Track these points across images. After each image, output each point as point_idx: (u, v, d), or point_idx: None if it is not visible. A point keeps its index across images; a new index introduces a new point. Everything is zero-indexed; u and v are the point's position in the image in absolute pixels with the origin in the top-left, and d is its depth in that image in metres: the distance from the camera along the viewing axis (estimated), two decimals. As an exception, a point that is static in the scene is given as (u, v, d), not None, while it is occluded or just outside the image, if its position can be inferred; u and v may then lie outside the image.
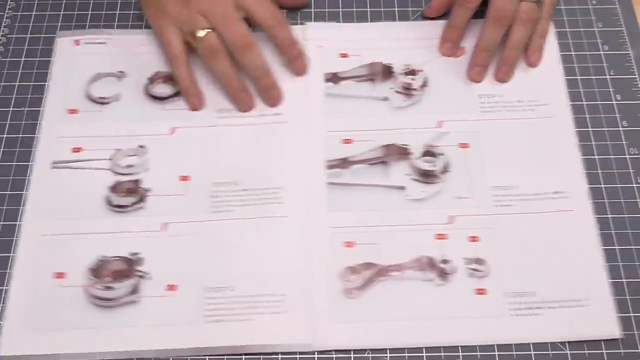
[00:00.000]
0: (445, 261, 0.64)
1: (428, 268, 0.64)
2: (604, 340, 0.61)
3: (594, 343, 0.61)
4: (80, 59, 0.74)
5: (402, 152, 0.69)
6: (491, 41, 0.72)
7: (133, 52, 0.75)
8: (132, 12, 0.77)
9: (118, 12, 0.77)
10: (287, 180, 0.68)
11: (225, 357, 0.61)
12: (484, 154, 0.69)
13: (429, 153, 0.69)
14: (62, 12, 0.77)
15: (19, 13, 0.77)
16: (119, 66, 0.74)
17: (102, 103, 0.72)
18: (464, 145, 0.69)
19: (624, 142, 0.70)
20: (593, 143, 0.70)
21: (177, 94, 0.72)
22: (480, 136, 0.70)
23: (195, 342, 0.61)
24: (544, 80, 0.73)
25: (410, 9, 0.78)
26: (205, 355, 0.61)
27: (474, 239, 0.65)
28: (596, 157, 0.69)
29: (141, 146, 0.69)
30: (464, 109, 0.71)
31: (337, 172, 0.68)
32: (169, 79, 0.73)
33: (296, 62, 0.72)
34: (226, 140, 0.70)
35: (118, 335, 0.61)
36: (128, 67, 0.74)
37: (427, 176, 0.68)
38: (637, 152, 0.70)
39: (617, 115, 0.72)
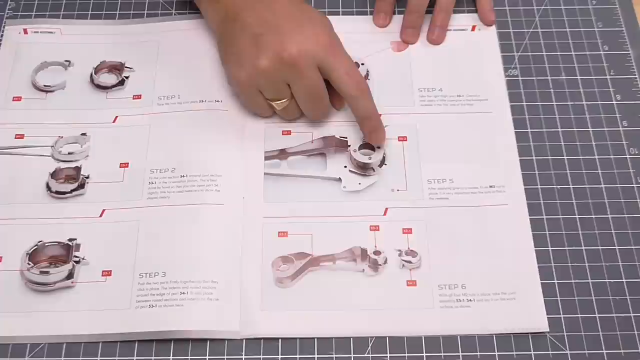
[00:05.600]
0: (377, 252, 0.64)
1: (359, 259, 0.64)
2: (531, 334, 0.61)
3: (521, 337, 0.61)
4: (27, 47, 0.75)
5: (340, 145, 0.70)
6: (420, 3, 0.75)
7: (80, 41, 0.76)
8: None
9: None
10: (225, 168, 0.68)
11: (155, 342, 0.61)
12: (421, 147, 0.70)
13: (367, 146, 0.69)
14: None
15: (-35, 1, 0.78)
16: (65, 55, 0.75)
17: (47, 91, 0.73)
18: (402, 139, 0.70)
19: (624, 142, 0.71)
20: (593, 143, 0.70)
21: (120, 83, 0.73)
22: (418, 130, 0.70)
23: (126, 327, 0.61)
24: (484, 76, 0.74)
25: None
26: (135, 340, 0.61)
27: (407, 231, 0.66)
28: (596, 157, 0.69)
29: (83, 134, 0.70)
30: (404, 103, 0.72)
31: (275, 162, 0.69)
32: (114, 68, 0.74)
33: (375, 133, 0.68)
34: (166, 127, 0.71)
35: (52, 319, 0.62)
36: (74, 56, 0.75)
37: (364, 168, 0.68)
38: (637, 152, 0.70)
39: (617, 115, 0.72)
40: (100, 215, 0.66)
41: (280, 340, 0.61)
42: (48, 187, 0.67)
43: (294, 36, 0.65)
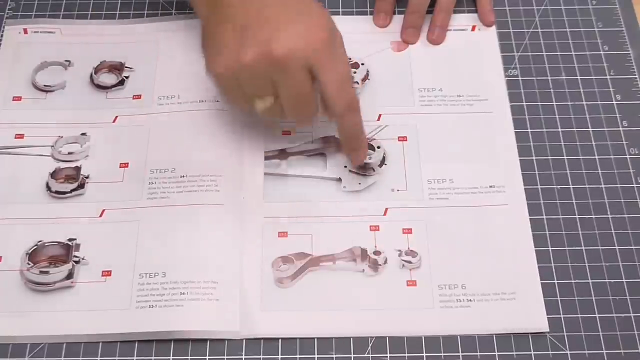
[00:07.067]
0: (376, 252, 0.64)
1: (359, 259, 0.64)
2: (531, 334, 0.61)
3: (521, 337, 0.61)
4: (27, 47, 0.75)
5: (340, 145, 0.69)
6: (420, 3, 0.75)
7: (80, 41, 0.76)
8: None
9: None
10: (225, 168, 0.68)
11: (155, 342, 0.61)
12: (421, 147, 0.70)
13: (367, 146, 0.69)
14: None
15: (-34, 2, 0.78)
16: (65, 55, 0.75)
17: (47, 91, 0.73)
18: (402, 139, 0.70)
19: (624, 142, 0.71)
20: (593, 143, 0.70)
21: (120, 83, 0.73)
22: (418, 130, 0.70)
23: (126, 327, 0.61)
24: (484, 76, 0.74)
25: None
26: (135, 340, 0.61)
27: (407, 231, 0.66)
28: (596, 157, 0.70)
29: (83, 134, 0.70)
30: (404, 103, 0.72)
31: (275, 162, 0.69)
32: (114, 68, 0.74)
33: (356, 153, 0.66)
34: (166, 127, 0.71)
35: (52, 319, 0.62)
36: (74, 56, 0.75)
37: (364, 168, 0.68)
38: (637, 152, 0.70)
39: (617, 115, 0.72)
40: (100, 215, 0.66)
41: (280, 340, 0.61)
42: (48, 187, 0.67)
43: (285, 31, 0.58)
